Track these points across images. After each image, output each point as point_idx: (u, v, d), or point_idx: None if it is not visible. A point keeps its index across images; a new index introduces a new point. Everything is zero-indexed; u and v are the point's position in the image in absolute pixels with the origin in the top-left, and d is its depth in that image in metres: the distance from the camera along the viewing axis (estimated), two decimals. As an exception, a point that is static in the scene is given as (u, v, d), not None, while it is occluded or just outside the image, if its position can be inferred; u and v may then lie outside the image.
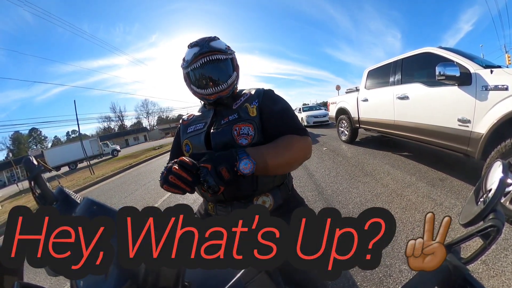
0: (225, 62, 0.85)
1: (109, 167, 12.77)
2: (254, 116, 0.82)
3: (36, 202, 0.50)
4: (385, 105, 3.98)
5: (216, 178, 0.60)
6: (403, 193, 2.68)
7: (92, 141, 23.38)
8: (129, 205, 1.57)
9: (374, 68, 4.72)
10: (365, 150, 5.03)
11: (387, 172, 3.44)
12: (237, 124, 0.80)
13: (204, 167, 0.61)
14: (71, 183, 9.89)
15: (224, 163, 0.62)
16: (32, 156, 0.53)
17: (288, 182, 0.92)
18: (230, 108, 0.87)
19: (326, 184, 3.36)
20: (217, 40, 0.85)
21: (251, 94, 0.88)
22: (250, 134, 0.79)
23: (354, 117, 5.30)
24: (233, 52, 0.88)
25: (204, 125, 0.89)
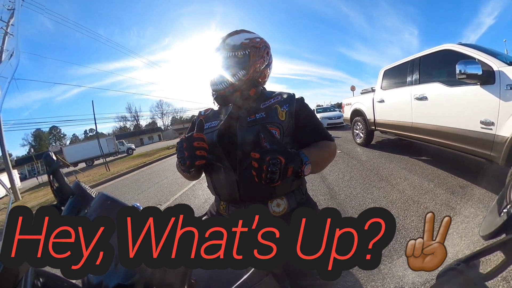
0: (231, 61, 0.85)
1: (124, 164, 13.42)
2: (283, 120, 0.84)
3: (54, 195, 0.55)
4: (402, 106, 3.90)
5: (282, 173, 0.64)
6: (420, 200, 2.62)
7: (108, 140, 25.16)
8: (141, 202, 1.66)
9: (390, 68, 4.65)
10: (381, 153, 4.94)
11: (403, 178, 3.36)
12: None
13: (279, 159, 0.64)
14: (87, 179, 10.46)
15: (294, 163, 0.67)
16: (51, 152, 0.58)
17: (302, 187, 0.95)
18: (257, 106, 0.89)
19: (340, 188, 3.33)
20: (238, 35, 0.88)
21: (282, 98, 0.89)
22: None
23: (369, 119, 5.22)
24: (254, 47, 0.86)
25: (218, 123, 0.91)
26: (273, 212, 0.86)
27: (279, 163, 0.63)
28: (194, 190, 4.72)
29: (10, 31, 1.55)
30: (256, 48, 0.86)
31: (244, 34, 0.88)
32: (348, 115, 6.42)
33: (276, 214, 0.86)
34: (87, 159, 22.58)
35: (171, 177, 6.60)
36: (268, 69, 0.94)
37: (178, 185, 5.34)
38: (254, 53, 0.86)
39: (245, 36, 0.87)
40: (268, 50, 0.92)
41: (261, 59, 0.88)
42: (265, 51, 0.89)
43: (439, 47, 3.25)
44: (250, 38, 0.87)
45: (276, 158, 0.63)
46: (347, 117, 6.58)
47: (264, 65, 0.90)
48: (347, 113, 6.53)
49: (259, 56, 0.87)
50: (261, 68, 0.88)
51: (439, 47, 3.25)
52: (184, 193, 4.68)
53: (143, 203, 4.54)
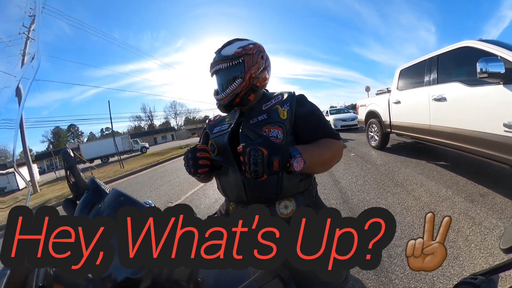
0: (227, 71, 0.90)
1: (137, 162, 13.96)
2: (285, 119, 0.86)
3: (70, 189, 0.58)
4: (420, 107, 3.78)
5: (266, 165, 0.65)
6: (437, 208, 2.52)
7: (123, 138, 26.59)
8: (153, 199, 1.72)
9: (406, 67, 4.51)
10: (397, 157, 4.81)
11: (420, 183, 3.26)
12: (267, 126, 0.85)
13: (261, 150, 0.64)
14: (102, 175, 11.01)
15: (280, 155, 0.67)
16: (69, 148, 0.62)
17: (312, 189, 0.95)
18: (259, 108, 0.92)
19: (352, 193, 3.27)
20: (231, 45, 0.91)
21: (282, 97, 0.92)
22: (279, 137, 0.83)
23: (385, 121, 5.09)
24: (247, 54, 0.89)
25: (229, 126, 0.95)
26: (280, 214, 0.86)
27: (261, 154, 0.64)
28: (205, 189, 4.79)
29: (31, 36, 1.66)
30: (249, 55, 0.89)
31: (237, 43, 0.91)
32: (362, 116, 6.29)
33: (284, 216, 0.86)
34: (102, 156, 23.84)
35: (183, 176, 6.72)
36: (267, 72, 0.96)
37: (189, 184, 5.43)
38: (248, 60, 0.89)
39: (238, 45, 0.90)
40: (263, 54, 0.93)
41: (256, 64, 0.90)
42: (259, 56, 0.91)
43: (458, 44, 3.12)
44: (243, 46, 0.90)
45: (257, 149, 0.64)
46: (361, 119, 6.44)
47: (261, 69, 0.91)
48: (361, 115, 6.40)
49: (253, 62, 0.89)
50: (257, 73, 0.90)
51: (458, 44, 3.11)
52: (195, 192, 4.76)
53: (155, 200, 4.66)
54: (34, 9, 0.57)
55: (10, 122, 0.68)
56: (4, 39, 0.64)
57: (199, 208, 3.75)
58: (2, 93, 0.63)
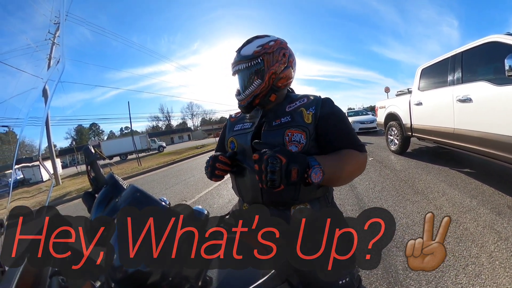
0: (246, 72, 0.89)
1: (154, 160, 14.58)
2: (309, 124, 0.83)
3: (90, 183, 0.62)
4: (443, 109, 3.61)
5: (284, 174, 0.62)
6: (460, 219, 2.38)
7: (141, 137, 28.22)
8: (168, 196, 1.80)
9: (428, 66, 4.31)
10: (418, 163, 4.61)
11: (442, 192, 3.10)
12: (290, 129, 0.82)
13: (279, 158, 0.62)
14: (121, 171, 11.56)
15: (298, 164, 0.64)
16: (90, 145, 0.66)
17: (329, 195, 0.92)
18: (283, 109, 0.90)
19: (369, 199, 3.18)
20: (250, 44, 0.89)
21: (308, 100, 0.88)
22: (302, 142, 0.81)
23: (405, 123, 4.91)
24: (267, 53, 0.86)
25: (252, 125, 0.93)
26: (295, 219, 0.85)
27: (279, 162, 0.61)
28: (219, 189, 4.86)
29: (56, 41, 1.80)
30: (269, 54, 0.86)
31: (256, 41, 0.89)
32: (382, 119, 6.10)
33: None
34: (121, 154, 25.23)
35: (198, 175, 6.88)
36: (291, 70, 0.91)
37: (204, 183, 5.54)
38: (268, 59, 0.86)
39: (258, 43, 0.87)
40: (285, 51, 0.88)
41: (277, 63, 0.86)
42: (280, 54, 0.87)
43: (483, 39, 2.94)
44: (262, 45, 0.86)
45: (275, 156, 0.62)
46: (380, 121, 6.25)
47: (283, 68, 0.87)
48: (380, 117, 6.21)
49: (274, 61, 0.86)
50: (278, 72, 0.86)
51: (483, 39, 2.93)
52: (209, 191, 4.85)
53: (170, 198, 4.79)
54: (58, 17, 0.63)
55: (37, 120, 0.75)
56: (32, 45, 0.71)
57: (213, 207, 3.81)
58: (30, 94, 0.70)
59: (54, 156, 13.83)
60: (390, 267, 1.79)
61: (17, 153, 0.74)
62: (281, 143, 0.82)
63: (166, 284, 0.37)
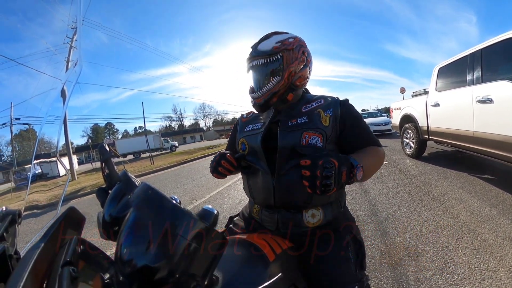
0: (264, 68, 0.86)
1: (167, 160, 14.97)
2: (326, 126, 0.82)
3: (104, 180, 0.65)
4: (462, 111, 3.46)
5: (337, 177, 0.61)
6: (478, 229, 2.27)
7: (155, 137, 29.26)
8: (179, 195, 1.86)
9: (445, 65, 4.15)
10: (434, 168, 4.46)
11: (459, 199, 2.97)
12: (307, 132, 0.81)
13: (333, 162, 0.61)
14: (134, 169, 12.07)
15: (346, 165, 0.63)
16: (105, 143, 0.68)
17: (341, 199, 0.92)
18: (298, 110, 0.89)
19: (382, 205, 3.09)
20: (268, 39, 0.87)
21: (325, 101, 0.87)
22: (318, 145, 0.80)
23: (422, 126, 4.75)
24: (286, 49, 0.84)
25: (262, 126, 0.92)
26: (307, 222, 0.84)
27: (333, 166, 0.60)
28: (230, 190, 4.92)
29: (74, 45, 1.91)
30: (289, 51, 0.84)
31: (275, 37, 0.87)
32: (397, 121, 5.94)
33: (311, 225, 0.85)
34: (135, 152, 26.32)
35: (209, 175, 6.92)
36: (308, 70, 0.90)
37: (215, 183, 5.61)
38: (287, 55, 0.84)
39: (276, 39, 0.85)
40: (304, 49, 0.87)
41: (296, 60, 0.84)
42: (300, 51, 0.85)
43: (504, 34, 2.78)
44: (282, 40, 0.85)
45: (330, 160, 0.61)
46: (395, 123, 6.09)
47: (301, 66, 0.86)
48: (395, 119, 6.05)
49: (293, 58, 0.84)
50: (297, 71, 0.85)
51: (504, 35, 2.78)
52: (219, 192, 4.92)
53: (181, 196, 4.91)
54: (75, 22, 0.68)
55: (56, 118, 0.80)
56: (52, 49, 0.77)
57: (222, 207, 3.85)
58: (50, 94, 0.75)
59: (70, 152, 14.60)
60: (401, 277, 1.72)
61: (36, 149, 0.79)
62: (298, 145, 0.81)
63: (172, 281, 0.38)
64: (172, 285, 0.39)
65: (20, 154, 1.02)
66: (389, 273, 1.78)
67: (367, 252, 2.01)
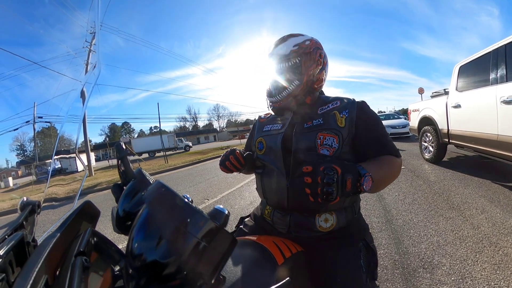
0: (283, 72, 0.86)
1: (180, 159, 15.48)
2: (342, 127, 0.81)
3: (120, 177, 0.69)
4: (485, 112, 3.30)
5: (340, 185, 0.59)
6: (500, 242, 2.13)
7: (169, 136, 30.63)
8: (191, 194, 1.93)
9: (466, 63, 3.95)
10: (454, 174, 4.26)
11: (481, 209, 2.81)
12: (322, 133, 0.81)
13: (335, 168, 0.59)
14: (148, 167, 12.45)
15: (351, 173, 0.61)
16: (122, 142, 0.73)
17: (356, 204, 0.91)
18: (314, 112, 0.88)
19: (398, 212, 2.98)
20: (285, 42, 0.87)
21: (341, 103, 0.86)
22: (334, 147, 0.79)
23: (442, 129, 4.57)
24: (304, 53, 0.84)
25: (282, 127, 0.92)
26: (319, 227, 0.83)
27: (335, 173, 0.58)
28: (242, 191, 4.95)
29: (93, 49, 2.04)
30: (307, 54, 0.84)
31: (291, 39, 0.87)
32: (415, 123, 5.75)
33: (323, 230, 0.83)
34: (150, 151, 27.57)
35: (221, 175, 7.03)
36: (324, 72, 0.91)
37: (227, 184, 5.70)
38: (306, 59, 0.84)
39: (293, 42, 0.86)
40: (321, 52, 0.88)
41: (314, 64, 0.85)
42: (317, 54, 0.86)
43: None
44: (299, 43, 0.85)
45: (331, 167, 0.59)
46: (414, 126, 5.90)
47: (319, 69, 0.87)
48: (414, 121, 5.86)
49: (311, 61, 0.85)
50: (315, 73, 0.86)
51: None
52: (231, 192, 4.95)
53: (194, 195, 5.03)
54: (94, 27, 0.73)
55: (75, 118, 0.86)
56: (72, 53, 0.83)
57: (234, 208, 3.88)
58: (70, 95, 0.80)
59: (89, 150, 15.52)
60: (415, 290, 1.65)
61: (56, 146, 0.85)
62: (313, 146, 0.81)
63: (180, 277, 0.39)
64: (179, 281, 0.39)
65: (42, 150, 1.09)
66: (402, 284, 1.72)
67: (379, 261, 1.95)
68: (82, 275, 0.35)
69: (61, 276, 0.38)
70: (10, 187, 1.10)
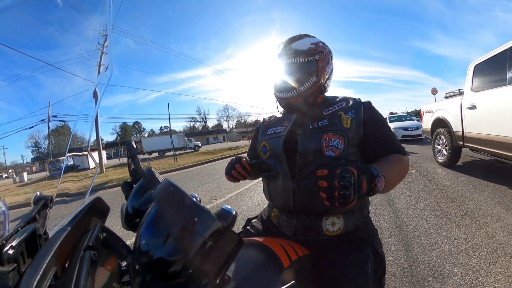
0: (301, 67, 0.85)
1: (189, 159, 15.86)
2: (348, 128, 0.81)
3: (130, 175, 0.72)
4: (502, 114, 3.20)
5: (357, 187, 0.58)
6: None
7: (179, 136, 31.46)
8: (200, 194, 1.94)
9: (482, 61, 3.83)
10: (469, 179, 4.12)
11: (496, 216, 2.70)
12: (327, 134, 0.81)
13: (352, 171, 0.58)
14: (158, 166, 12.84)
15: (366, 174, 0.61)
16: (133, 141, 0.75)
17: (365, 208, 0.90)
18: (320, 113, 0.88)
19: (408, 217, 2.91)
20: (302, 40, 0.87)
21: (347, 104, 0.86)
22: (339, 148, 0.79)
23: (456, 131, 4.43)
24: (321, 52, 0.86)
25: (284, 129, 0.92)
26: (326, 230, 0.83)
27: (352, 175, 0.57)
28: (250, 192, 4.97)
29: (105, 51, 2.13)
30: (323, 53, 0.86)
31: (307, 39, 0.88)
32: (428, 125, 5.61)
33: (330, 233, 0.83)
34: (160, 150, 28.22)
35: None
36: (331, 74, 0.93)
37: (235, 184, 5.66)
38: (322, 58, 0.85)
39: (310, 41, 0.87)
40: (332, 55, 0.91)
41: (328, 64, 0.88)
42: (329, 56, 0.89)
43: None
44: (315, 43, 0.86)
45: (348, 169, 0.58)
46: (427, 128, 5.75)
47: (330, 69, 0.90)
48: (427, 123, 5.72)
49: (326, 61, 0.87)
50: (329, 73, 0.89)
51: None
52: (239, 193, 4.99)
53: (202, 195, 5.09)
54: (106, 30, 0.76)
55: (88, 117, 0.89)
56: (85, 55, 0.87)
57: (241, 209, 3.90)
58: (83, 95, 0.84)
59: (100, 148, 16.16)
60: (424, 301, 1.59)
61: (69, 144, 0.89)
62: (318, 148, 0.81)
63: (185, 275, 0.40)
64: (184, 279, 0.40)
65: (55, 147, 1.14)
66: (410, 294, 1.67)
67: (387, 268, 1.91)
68: (90, 269, 0.36)
69: (69, 269, 0.39)
70: (25, 182, 1.17)
